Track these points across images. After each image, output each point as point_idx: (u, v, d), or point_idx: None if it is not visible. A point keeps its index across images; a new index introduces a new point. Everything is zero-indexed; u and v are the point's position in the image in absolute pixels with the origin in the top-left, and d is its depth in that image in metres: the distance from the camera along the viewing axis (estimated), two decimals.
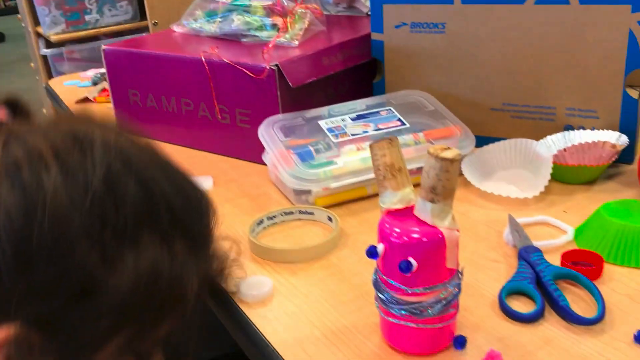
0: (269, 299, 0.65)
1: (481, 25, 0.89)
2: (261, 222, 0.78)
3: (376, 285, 0.56)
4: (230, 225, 0.80)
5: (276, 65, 0.88)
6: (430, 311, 0.53)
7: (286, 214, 0.80)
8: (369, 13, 1.14)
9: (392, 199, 0.54)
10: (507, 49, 0.89)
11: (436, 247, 0.52)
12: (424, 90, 0.96)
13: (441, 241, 0.52)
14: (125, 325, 0.46)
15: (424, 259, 0.52)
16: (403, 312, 0.54)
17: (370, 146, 0.54)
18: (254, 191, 0.89)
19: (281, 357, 0.57)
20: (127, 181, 0.45)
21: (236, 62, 0.92)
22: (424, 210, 0.52)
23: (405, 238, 0.52)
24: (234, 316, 0.64)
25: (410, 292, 0.53)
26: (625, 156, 0.87)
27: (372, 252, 0.53)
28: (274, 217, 0.79)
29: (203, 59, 0.95)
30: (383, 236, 0.54)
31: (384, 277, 0.54)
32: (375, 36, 0.98)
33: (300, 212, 0.80)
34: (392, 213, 0.54)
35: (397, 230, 0.53)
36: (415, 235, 0.52)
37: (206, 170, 0.96)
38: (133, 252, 0.44)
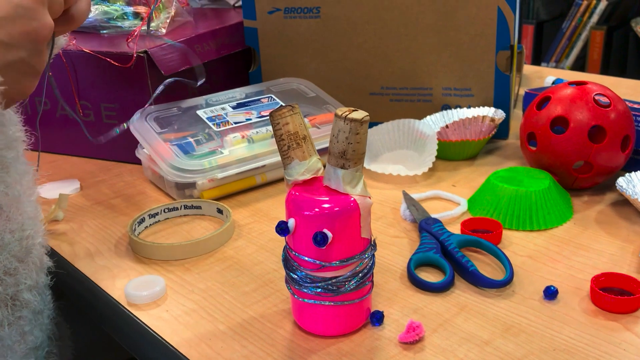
0: (163, 298, 0.59)
1: (355, 7, 0.88)
2: (142, 220, 0.71)
3: (286, 264, 0.52)
4: (105, 227, 0.72)
5: (145, 52, 0.81)
6: (347, 286, 0.50)
7: (170, 210, 0.73)
8: (236, 5, 1.10)
9: (299, 170, 0.50)
10: (383, 30, 0.89)
11: (350, 215, 0.49)
12: (302, 78, 0.93)
13: (355, 209, 0.49)
14: None
15: (338, 229, 0.48)
16: (318, 290, 0.50)
17: (271, 114, 0.50)
18: (129, 190, 0.81)
19: (186, 357, 0.51)
20: None
21: (98, 52, 0.83)
22: (335, 178, 0.49)
23: (317, 209, 0.48)
24: (124, 321, 0.57)
25: (326, 266, 0.49)
26: (500, 132, 0.90)
27: (282, 228, 0.49)
28: (157, 214, 0.72)
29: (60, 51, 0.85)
30: (292, 210, 0.49)
31: (296, 254, 0.50)
32: (248, 23, 0.94)
33: (185, 206, 0.74)
34: (299, 185, 0.50)
35: (307, 201, 0.49)
36: (327, 205, 0.48)
37: (69, 174, 0.87)
38: None
